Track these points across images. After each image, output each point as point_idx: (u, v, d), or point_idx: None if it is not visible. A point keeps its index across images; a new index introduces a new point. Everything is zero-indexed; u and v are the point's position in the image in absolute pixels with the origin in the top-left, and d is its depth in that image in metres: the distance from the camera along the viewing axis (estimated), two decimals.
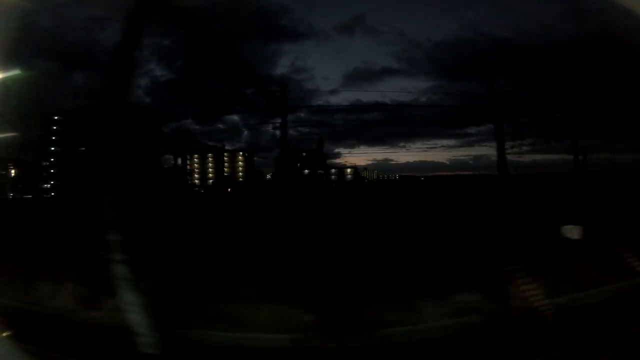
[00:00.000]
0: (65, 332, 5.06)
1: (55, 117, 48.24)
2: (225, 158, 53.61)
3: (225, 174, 53.41)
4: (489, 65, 24.70)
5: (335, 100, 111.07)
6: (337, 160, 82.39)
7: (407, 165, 68.08)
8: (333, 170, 56.83)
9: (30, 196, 48.36)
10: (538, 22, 71.72)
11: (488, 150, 48.78)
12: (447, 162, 66.02)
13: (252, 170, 54.61)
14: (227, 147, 54.46)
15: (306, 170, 54.47)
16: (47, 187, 49.59)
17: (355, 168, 57.35)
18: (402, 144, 72.62)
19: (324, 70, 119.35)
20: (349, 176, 56.94)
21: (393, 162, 68.61)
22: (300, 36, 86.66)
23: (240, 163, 54.58)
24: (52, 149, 48.22)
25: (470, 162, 67.98)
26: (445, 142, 79.18)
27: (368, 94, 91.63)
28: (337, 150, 73.87)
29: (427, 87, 76.99)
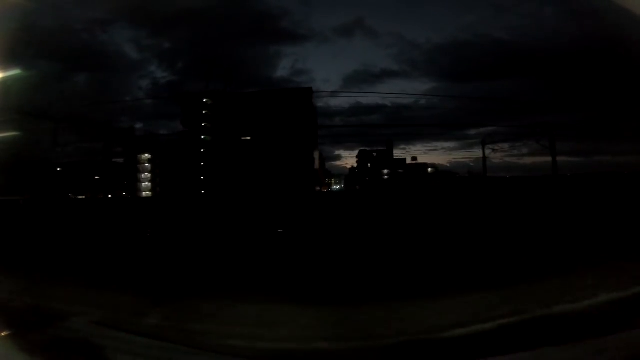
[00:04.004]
0: None
1: (204, 100, 42.11)
2: None
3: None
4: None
5: (336, 102, 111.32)
6: (338, 163, 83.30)
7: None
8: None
9: (84, 197, 42.31)
10: (537, 24, 67.46)
11: (488, 152, 44.60)
12: (448, 165, 59.26)
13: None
14: None
15: (386, 170, 52.66)
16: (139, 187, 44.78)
17: (435, 167, 52.52)
18: (402, 146, 67.96)
19: (324, 73, 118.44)
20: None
21: None
22: (301, 38, 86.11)
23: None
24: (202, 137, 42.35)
25: (471, 164, 59.56)
26: (445, 144, 74.53)
27: (368, 95, 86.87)
28: (337, 152, 76.12)
29: (427, 89, 71.80)
